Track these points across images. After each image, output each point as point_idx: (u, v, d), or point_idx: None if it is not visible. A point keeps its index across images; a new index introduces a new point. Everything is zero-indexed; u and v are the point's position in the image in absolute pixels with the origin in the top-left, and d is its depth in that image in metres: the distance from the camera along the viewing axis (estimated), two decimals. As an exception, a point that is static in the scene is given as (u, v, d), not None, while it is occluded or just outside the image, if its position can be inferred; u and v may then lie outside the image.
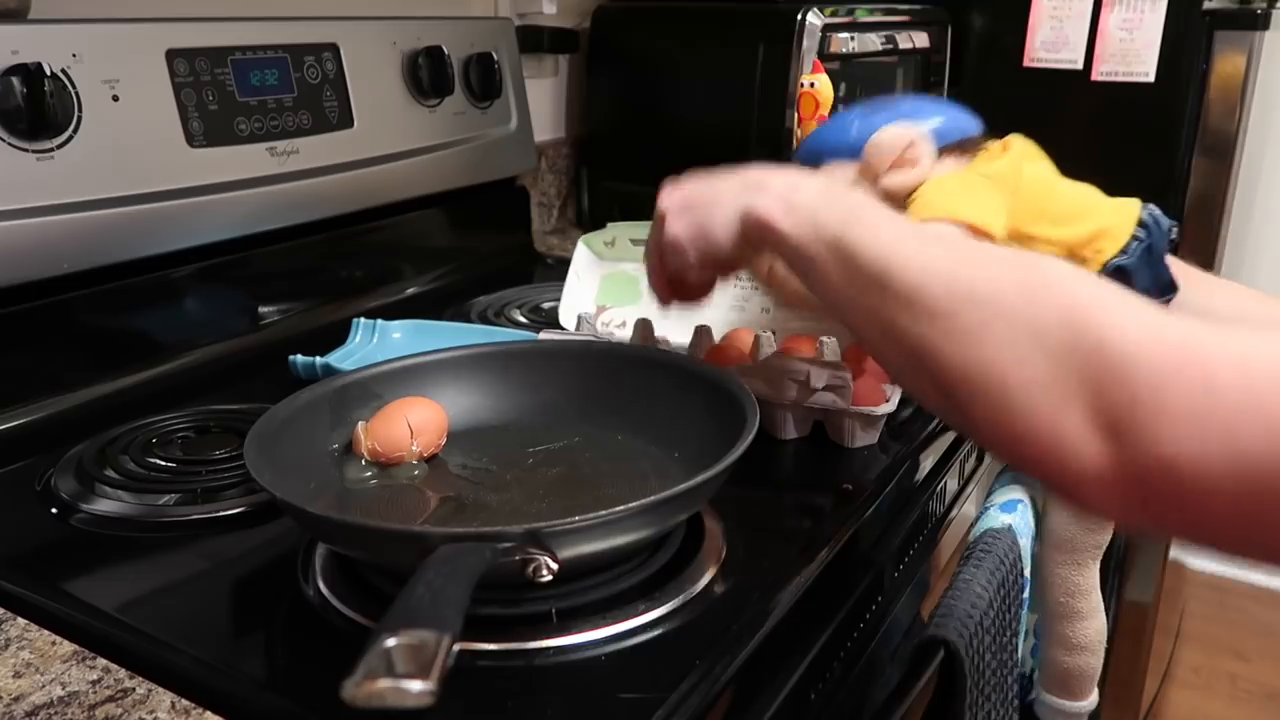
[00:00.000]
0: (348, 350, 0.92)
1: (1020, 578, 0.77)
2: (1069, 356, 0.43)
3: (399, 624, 0.41)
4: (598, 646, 0.53)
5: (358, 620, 0.55)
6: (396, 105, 1.10)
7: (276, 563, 0.62)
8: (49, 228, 0.80)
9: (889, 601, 0.74)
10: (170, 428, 0.79)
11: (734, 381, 0.67)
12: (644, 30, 1.43)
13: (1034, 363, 0.44)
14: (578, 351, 0.75)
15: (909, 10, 1.49)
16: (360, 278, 1.10)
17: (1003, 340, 0.45)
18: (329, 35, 1.03)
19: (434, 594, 0.43)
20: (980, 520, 0.80)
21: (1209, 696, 2.03)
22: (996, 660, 0.71)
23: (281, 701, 0.50)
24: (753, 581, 0.59)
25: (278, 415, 0.63)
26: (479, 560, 0.47)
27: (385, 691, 0.38)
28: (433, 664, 0.39)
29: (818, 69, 1.03)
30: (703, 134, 1.36)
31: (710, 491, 0.58)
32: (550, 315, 1.05)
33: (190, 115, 0.90)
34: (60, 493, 0.69)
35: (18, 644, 0.54)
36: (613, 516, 0.51)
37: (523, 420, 0.73)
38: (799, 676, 0.59)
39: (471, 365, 0.73)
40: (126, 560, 0.63)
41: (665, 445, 0.68)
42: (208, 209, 0.91)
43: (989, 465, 0.99)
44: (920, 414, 0.83)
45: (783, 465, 0.76)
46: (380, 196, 1.10)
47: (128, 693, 0.50)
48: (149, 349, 0.90)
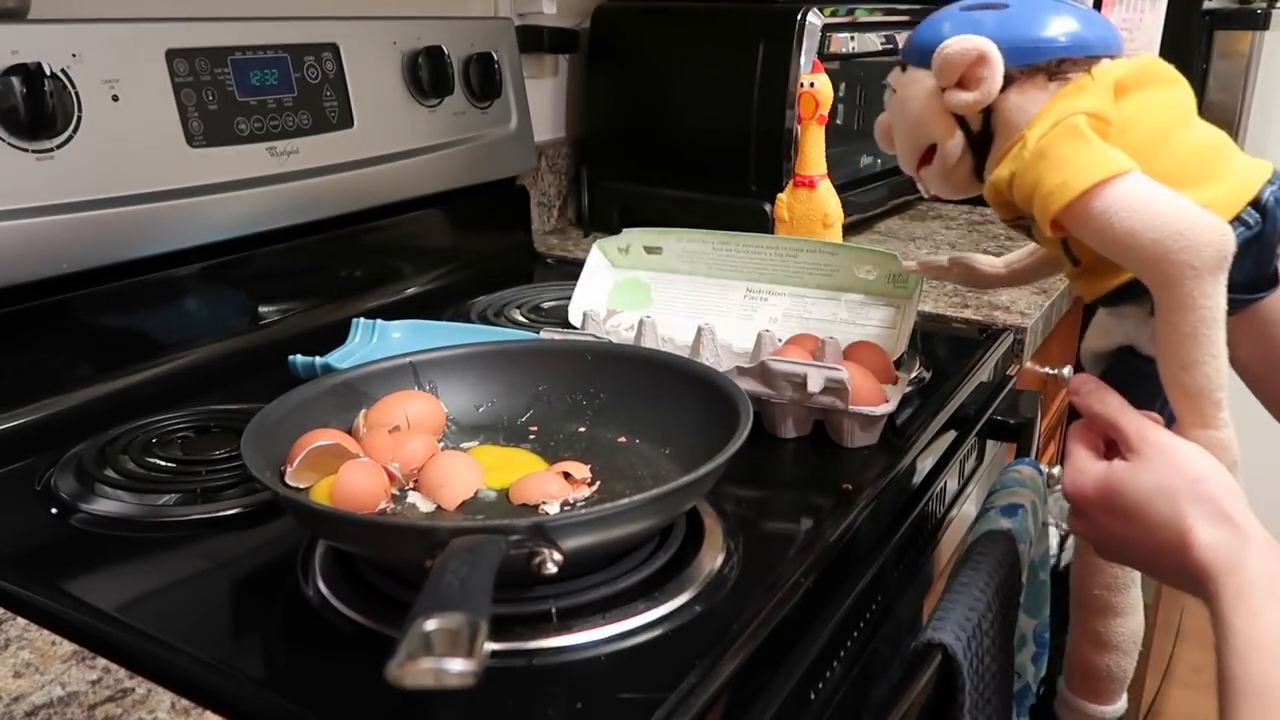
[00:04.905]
0: (347, 350, 0.92)
1: (1019, 581, 0.77)
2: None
3: (433, 609, 0.42)
4: (598, 646, 0.53)
5: (357, 620, 0.55)
6: (396, 105, 1.10)
7: (276, 563, 0.62)
8: (49, 228, 0.80)
9: (889, 602, 0.74)
10: (170, 428, 0.79)
11: (728, 381, 0.67)
12: (644, 30, 1.43)
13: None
14: (576, 350, 0.75)
15: (909, 10, 1.49)
16: (360, 278, 1.10)
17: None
18: (329, 35, 1.03)
19: (462, 581, 0.44)
20: (979, 522, 0.80)
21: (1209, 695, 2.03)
22: (995, 664, 0.71)
23: (281, 701, 0.50)
24: (753, 581, 0.59)
25: (271, 415, 0.62)
26: (496, 551, 0.48)
27: (429, 671, 0.39)
28: (472, 645, 0.40)
29: (818, 69, 1.03)
30: (703, 134, 1.36)
31: (708, 485, 0.58)
32: (550, 315, 1.06)
33: (190, 115, 0.90)
34: (60, 493, 0.69)
35: (18, 644, 0.54)
36: (616, 510, 0.52)
37: (520, 418, 0.73)
38: (799, 677, 0.59)
39: (469, 363, 0.73)
40: (126, 560, 0.63)
41: (661, 443, 0.68)
42: (208, 209, 0.91)
43: (989, 466, 0.99)
44: (920, 414, 0.83)
45: (783, 465, 0.77)
46: (380, 196, 1.10)
47: (128, 693, 0.50)
48: (149, 349, 0.90)
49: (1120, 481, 0.60)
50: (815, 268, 0.94)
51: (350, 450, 0.62)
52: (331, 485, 0.59)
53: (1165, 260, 0.60)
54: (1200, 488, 0.57)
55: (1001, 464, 0.94)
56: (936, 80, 0.69)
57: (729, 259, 0.97)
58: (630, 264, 1.00)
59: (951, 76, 0.68)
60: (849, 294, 0.93)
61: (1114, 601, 0.84)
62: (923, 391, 0.87)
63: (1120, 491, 0.60)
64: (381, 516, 0.60)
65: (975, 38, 0.66)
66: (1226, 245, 0.60)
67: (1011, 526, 0.78)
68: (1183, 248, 0.60)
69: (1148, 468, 0.59)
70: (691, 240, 0.98)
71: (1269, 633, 0.51)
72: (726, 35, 1.33)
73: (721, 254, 0.97)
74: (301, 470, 0.61)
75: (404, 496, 0.63)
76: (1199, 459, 0.59)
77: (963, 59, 0.66)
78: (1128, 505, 0.59)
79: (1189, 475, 0.57)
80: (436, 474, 0.63)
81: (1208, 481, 0.57)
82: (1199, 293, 0.60)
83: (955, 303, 1.14)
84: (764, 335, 0.85)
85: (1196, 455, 0.59)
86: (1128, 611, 0.85)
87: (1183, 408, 0.63)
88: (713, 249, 0.97)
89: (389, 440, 0.64)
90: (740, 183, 1.32)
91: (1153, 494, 0.58)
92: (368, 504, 0.59)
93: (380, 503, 0.60)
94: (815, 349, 0.82)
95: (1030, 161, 0.65)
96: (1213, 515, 0.56)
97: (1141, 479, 0.59)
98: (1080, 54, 0.67)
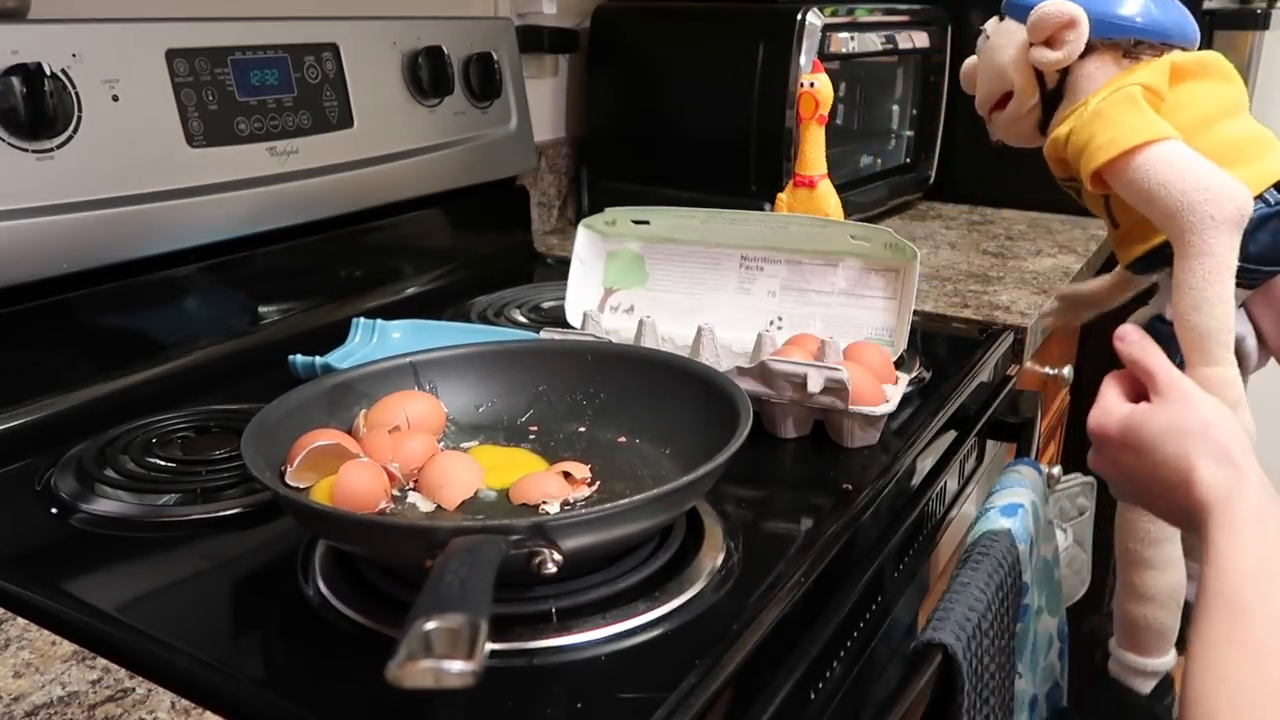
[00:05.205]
0: (347, 350, 0.92)
1: (1019, 581, 0.77)
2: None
3: (433, 609, 0.42)
4: (598, 646, 0.53)
5: (357, 620, 0.55)
6: (396, 105, 1.10)
7: (276, 563, 0.62)
8: (49, 228, 0.80)
9: (889, 601, 0.74)
10: (170, 428, 0.79)
11: (728, 381, 0.67)
12: (644, 30, 1.43)
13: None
14: (576, 350, 0.75)
15: (909, 10, 1.49)
16: (360, 278, 1.10)
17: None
18: (329, 35, 1.03)
19: (461, 582, 0.44)
20: (979, 522, 0.80)
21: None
22: (995, 663, 0.71)
23: (281, 701, 0.50)
24: (753, 581, 0.59)
25: (271, 415, 0.62)
26: (496, 551, 0.48)
27: (429, 672, 0.39)
28: (472, 645, 0.40)
29: (818, 69, 1.03)
30: (703, 134, 1.36)
31: (708, 485, 0.58)
32: (550, 314, 1.06)
33: (190, 115, 0.90)
34: (60, 493, 0.69)
35: (18, 644, 0.54)
36: (616, 510, 0.52)
37: (520, 418, 0.73)
38: (799, 676, 0.59)
39: (469, 363, 0.73)
40: (126, 560, 0.63)
41: (661, 443, 0.68)
42: (208, 209, 0.91)
43: (989, 466, 0.99)
44: (920, 414, 0.83)
45: (783, 465, 0.77)
46: (380, 196, 1.10)
47: (128, 693, 0.50)
48: (149, 349, 0.90)
49: (1141, 421, 0.65)
50: (807, 238, 0.93)
51: (350, 450, 0.62)
52: (331, 485, 0.59)
53: (1190, 209, 0.69)
54: (1210, 432, 0.61)
55: (1001, 464, 0.94)
56: (1028, 35, 0.77)
57: (719, 230, 0.95)
58: (619, 234, 0.99)
59: (1042, 34, 0.76)
60: (846, 260, 0.92)
61: (1148, 555, 0.91)
62: (923, 391, 0.87)
63: (1137, 429, 0.64)
64: (381, 516, 0.60)
65: (1070, 4, 0.74)
66: (1245, 205, 0.69)
67: (1011, 526, 0.78)
68: (1205, 199, 0.68)
69: (1166, 410, 0.64)
70: (679, 216, 0.97)
71: (1247, 556, 0.55)
72: (726, 35, 1.33)
73: (711, 226, 0.96)
74: (301, 470, 0.61)
75: (404, 496, 0.63)
76: (1214, 407, 0.63)
77: (1055, 20, 0.74)
78: (1142, 442, 0.64)
79: (1201, 419, 0.62)
80: (436, 474, 0.63)
81: (1217, 427, 0.61)
82: (1215, 240, 0.68)
83: (955, 303, 1.14)
84: (764, 335, 0.85)
85: (1212, 404, 0.64)
86: (1163, 566, 0.91)
87: (1193, 347, 0.70)
88: (701, 222, 0.96)
89: (389, 440, 0.64)
90: (740, 183, 1.32)
91: (1165, 433, 0.63)
92: (368, 504, 0.59)
93: (380, 503, 0.60)
94: (816, 349, 0.82)
95: (1087, 119, 0.74)
96: (1217, 457, 0.60)
97: (1159, 420, 0.64)
98: (1156, 39, 0.75)
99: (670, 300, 0.96)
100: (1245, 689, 0.51)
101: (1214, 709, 0.51)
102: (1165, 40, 0.76)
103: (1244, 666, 0.51)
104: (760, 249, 0.95)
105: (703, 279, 0.96)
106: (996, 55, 0.81)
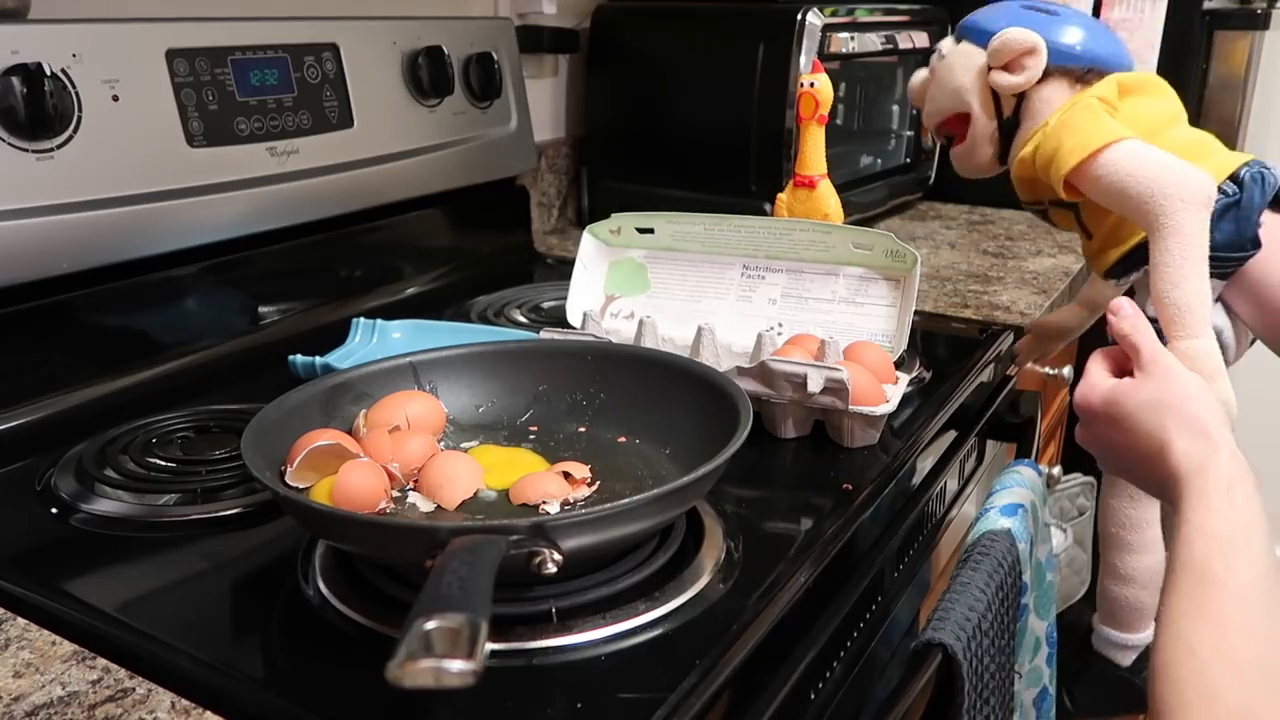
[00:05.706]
0: (347, 350, 0.92)
1: (1019, 581, 0.77)
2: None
3: (433, 609, 0.42)
4: (598, 646, 0.53)
5: (357, 620, 0.55)
6: (396, 105, 1.10)
7: (276, 563, 0.62)
8: (49, 228, 0.80)
9: (889, 602, 0.74)
10: (170, 428, 0.79)
11: (728, 381, 0.67)
12: (644, 30, 1.43)
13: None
14: (576, 350, 0.75)
15: (909, 10, 1.49)
16: (360, 278, 1.10)
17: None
18: (329, 35, 1.03)
19: (461, 582, 0.44)
20: (979, 522, 0.80)
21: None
22: (995, 663, 0.71)
23: (281, 701, 0.50)
24: (753, 581, 0.59)
25: (271, 415, 0.62)
26: (496, 551, 0.48)
27: (429, 671, 0.39)
28: (472, 645, 0.40)
29: (818, 69, 1.03)
30: (703, 134, 1.36)
31: (708, 485, 0.58)
32: (550, 314, 1.06)
33: (190, 115, 0.90)
34: (60, 493, 0.69)
35: (18, 644, 0.54)
36: (616, 510, 0.52)
37: (520, 418, 0.73)
38: (799, 676, 0.59)
39: (469, 364, 0.73)
40: (126, 560, 0.63)
41: (661, 443, 0.68)
42: (208, 209, 0.91)
43: (989, 466, 0.99)
44: (920, 414, 0.83)
45: (783, 465, 0.77)
46: (380, 196, 1.10)
47: (128, 693, 0.50)
48: (149, 349, 0.90)
49: (1123, 395, 0.66)
50: (810, 244, 0.93)
51: (350, 450, 0.62)
52: (331, 485, 0.59)
53: (1161, 193, 0.73)
54: (1187, 405, 0.63)
55: (1001, 464, 0.94)
56: (988, 59, 0.82)
57: (722, 238, 0.96)
58: (623, 243, 0.99)
59: (1003, 59, 0.81)
60: (847, 268, 0.92)
61: (1129, 539, 0.96)
62: (923, 391, 0.87)
63: (1119, 403, 0.66)
64: (381, 516, 0.60)
65: (1031, 32, 0.80)
66: (1209, 188, 0.74)
67: (1011, 526, 0.78)
68: (1173, 182, 0.73)
69: (1148, 384, 0.66)
70: (683, 222, 0.97)
71: (1215, 525, 0.57)
72: (726, 35, 1.33)
73: (714, 234, 0.96)
74: (301, 470, 0.61)
75: (404, 496, 0.63)
76: (1193, 383, 0.65)
77: (1017, 47, 0.80)
78: (1124, 414, 0.66)
79: (1180, 393, 0.64)
80: (436, 474, 0.63)
81: (1195, 401, 0.63)
82: (1187, 219, 0.72)
83: (955, 303, 1.14)
84: (764, 335, 0.85)
85: (1192, 380, 0.65)
86: (1143, 549, 0.97)
87: (1173, 322, 0.73)
88: (704, 229, 0.97)
89: (389, 440, 0.64)
90: (740, 182, 1.33)
91: (1144, 406, 0.65)
92: (368, 504, 0.59)
93: (380, 503, 0.60)
94: (816, 349, 0.82)
95: (1051, 132, 0.79)
96: (1193, 430, 0.61)
97: (1140, 394, 0.65)
98: (1103, 67, 0.82)
99: (671, 307, 0.96)
100: (1211, 659, 0.52)
101: (1180, 677, 0.52)
102: (1107, 67, 0.82)
103: (1210, 637, 0.53)
104: (762, 258, 0.95)
105: (704, 286, 0.97)
106: (953, 76, 0.85)
